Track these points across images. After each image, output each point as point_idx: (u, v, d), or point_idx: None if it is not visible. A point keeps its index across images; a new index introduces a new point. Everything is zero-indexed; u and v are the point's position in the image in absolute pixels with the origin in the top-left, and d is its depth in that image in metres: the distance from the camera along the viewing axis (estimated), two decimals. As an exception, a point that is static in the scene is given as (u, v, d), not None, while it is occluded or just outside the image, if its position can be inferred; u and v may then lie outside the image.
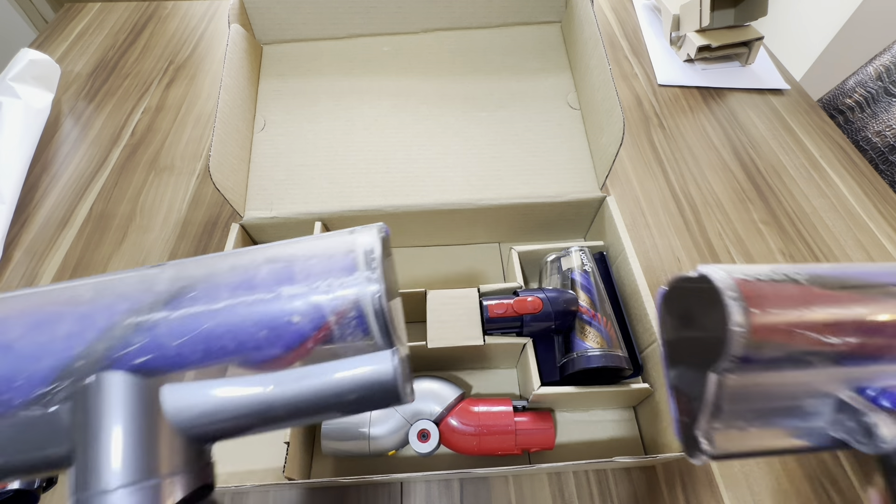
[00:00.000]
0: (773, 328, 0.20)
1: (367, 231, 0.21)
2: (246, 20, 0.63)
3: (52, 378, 0.18)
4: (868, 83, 0.80)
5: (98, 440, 0.18)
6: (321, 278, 0.19)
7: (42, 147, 0.73)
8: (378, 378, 0.20)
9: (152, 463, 0.18)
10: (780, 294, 0.21)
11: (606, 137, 0.53)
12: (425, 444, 0.44)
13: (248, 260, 0.20)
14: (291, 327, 0.19)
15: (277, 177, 0.57)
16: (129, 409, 0.18)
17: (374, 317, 0.19)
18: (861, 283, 0.22)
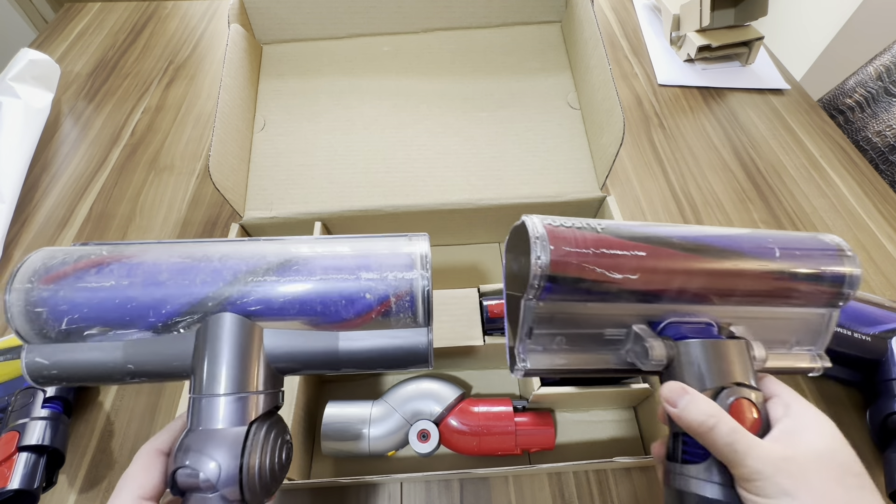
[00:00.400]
0: (567, 263, 0.25)
1: (421, 239, 0.29)
2: (246, 20, 0.63)
3: (187, 310, 0.25)
4: (868, 83, 0.80)
5: (215, 358, 0.25)
6: (389, 270, 0.26)
7: (42, 147, 0.73)
8: (415, 346, 0.28)
9: (250, 381, 0.25)
10: (577, 238, 0.26)
11: (606, 137, 0.53)
12: (425, 444, 0.44)
13: (336, 249, 0.28)
14: (364, 301, 0.26)
15: (277, 177, 0.57)
16: (239, 340, 0.25)
17: (421, 302, 0.27)
18: (649, 235, 0.27)
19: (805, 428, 0.24)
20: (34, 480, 0.39)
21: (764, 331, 0.30)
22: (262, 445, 0.25)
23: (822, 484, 0.22)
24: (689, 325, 0.28)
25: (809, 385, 0.51)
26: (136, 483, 0.24)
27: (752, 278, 0.28)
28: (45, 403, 0.43)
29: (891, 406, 0.45)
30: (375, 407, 0.45)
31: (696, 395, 0.25)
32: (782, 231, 0.31)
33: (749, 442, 0.23)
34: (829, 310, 0.31)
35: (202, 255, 0.27)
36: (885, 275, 0.59)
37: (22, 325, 0.25)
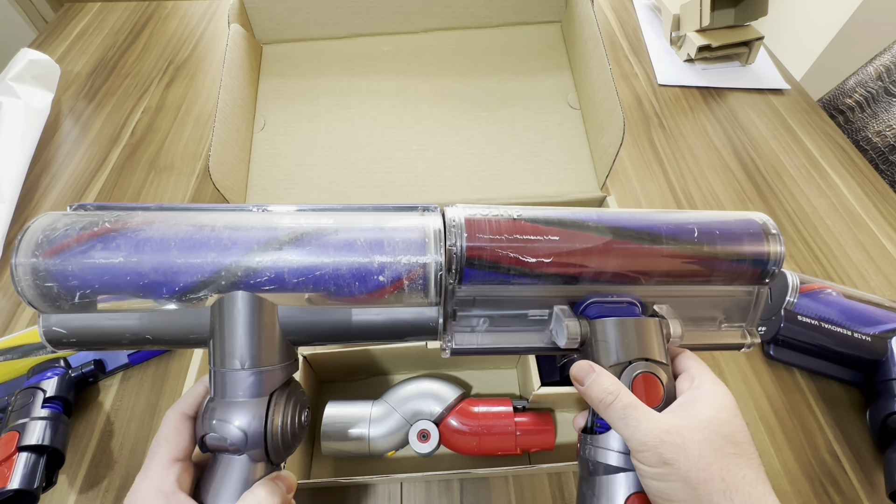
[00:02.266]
0: (481, 248, 0.27)
1: (434, 216, 0.28)
2: (246, 20, 0.63)
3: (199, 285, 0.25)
4: (868, 83, 0.80)
5: (232, 336, 0.26)
6: (403, 253, 0.27)
7: (42, 147, 0.73)
8: (426, 321, 0.29)
9: (268, 357, 0.26)
10: (492, 225, 0.28)
11: (607, 137, 0.53)
12: (425, 444, 0.44)
13: (349, 227, 0.27)
14: (377, 281, 0.26)
15: (277, 177, 0.57)
16: (255, 319, 0.26)
17: (434, 282, 0.27)
18: (565, 219, 0.29)
19: (699, 400, 0.26)
20: (34, 480, 0.39)
21: (690, 308, 0.31)
22: (283, 411, 0.27)
23: (700, 452, 0.24)
24: (609, 305, 0.29)
25: (809, 385, 0.52)
26: (169, 445, 0.26)
27: (667, 259, 0.29)
28: (45, 403, 0.43)
29: (891, 406, 0.45)
30: (375, 407, 0.45)
31: (601, 373, 0.27)
32: (709, 211, 0.31)
33: (639, 416, 0.25)
34: (757, 287, 0.32)
35: (212, 226, 0.26)
36: (885, 275, 0.59)
37: (34, 297, 0.25)
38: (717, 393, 0.26)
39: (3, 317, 0.57)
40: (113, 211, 0.27)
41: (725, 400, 0.26)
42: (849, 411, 0.50)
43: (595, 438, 0.28)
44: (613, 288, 0.29)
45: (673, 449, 0.24)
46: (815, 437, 0.48)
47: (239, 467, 0.26)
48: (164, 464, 0.25)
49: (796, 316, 0.49)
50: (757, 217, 0.31)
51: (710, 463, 0.23)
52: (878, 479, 0.46)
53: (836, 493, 0.45)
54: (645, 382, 0.27)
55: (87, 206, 0.28)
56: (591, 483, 0.28)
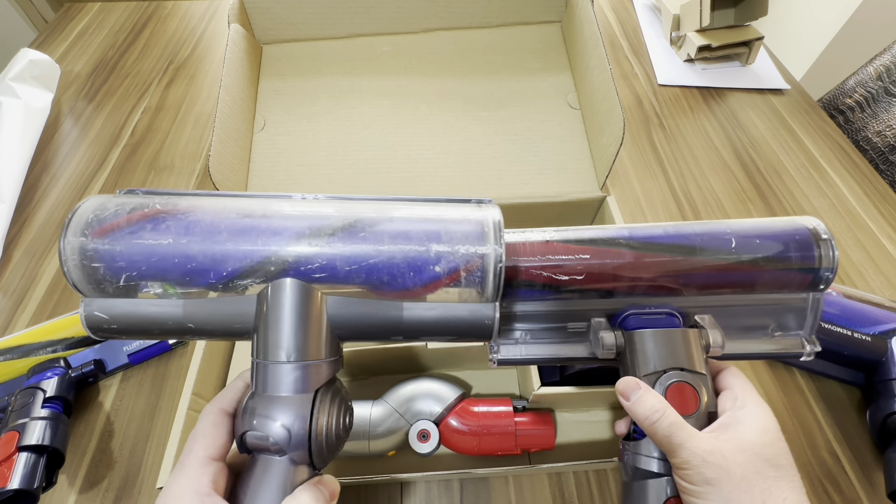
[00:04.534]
0: (516, 269, 0.28)
1: (492, 208, 0.27)
2: (246, 20, 0.63)
3: (248, 271, 0.24)
4: (868, 83, 0.80)
5: (278, 326, 0.25)
6: (460, 243, 0.25)
7: (42, 147, 0.73)
8: (481, 320, 0.27)
9: (314, 350, 0.25)
10: (527, 249, 0.29)
11: (607, 137, 0.53)
12: (425, 444, 0.44)
13: (404, 215, 0.26)
14: (432, 273, 0.25)
15: (277, 177, 0.57)
16: (303, 309, 0.25)
17: (492, 276, 0.25)
18: (597, 238, 0.29)
19: (742, 421, 0.26)
20: (34, 480, 0.39)
21: (737, 317, 0.31)
22: (328, 412, 0.25)
23: (742, 474, 0.24)
24: (647, 316, 0.30)
25: (809, 385, 0.51)
26: (206, 441, 0.25)
27: (702, 271, 0.29)
28: (45, 403, 0.43)
29: (891, 406, 0.45)
30: (375, 407, 0.45)
31: (646, 390, 0.28)
32: (751, 220, 0.31)
33: (683, 435, 0.25)
34: (811, 293, 0.31)
35: (262, 212, 0.26)
36: (885, 275, 0.59)
37: (78, 279, 0.25)
38: (761, 415, 0.27)
39: (3, 317, 0.57)
40: (162, 196, 0.27)
41: (768, 422, 0.27)
42: (849, 411, 0.50)
43: (634, 445, 0.29)
44: (650, 300, 0.30)
45: (716, 470, 0.24)
46: (815, 437, 0.48)
47: (280, 470, 0.24)
48: (200, 461, 0.24)
49: (796, 316, 0.49)
50: (808, 222, 0.30)
51: (752, 485, 0.24)
52: (878, 479, 0.46)
53: (836, 493, 0.45)
54: (679, 391, 0.27)
55: (136, 191, 0.27)
56: (630, 488, 0.29)
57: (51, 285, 0.59)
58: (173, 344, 0.52)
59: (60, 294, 0.58)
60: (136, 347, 0.51)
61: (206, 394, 0.44)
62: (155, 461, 0.46)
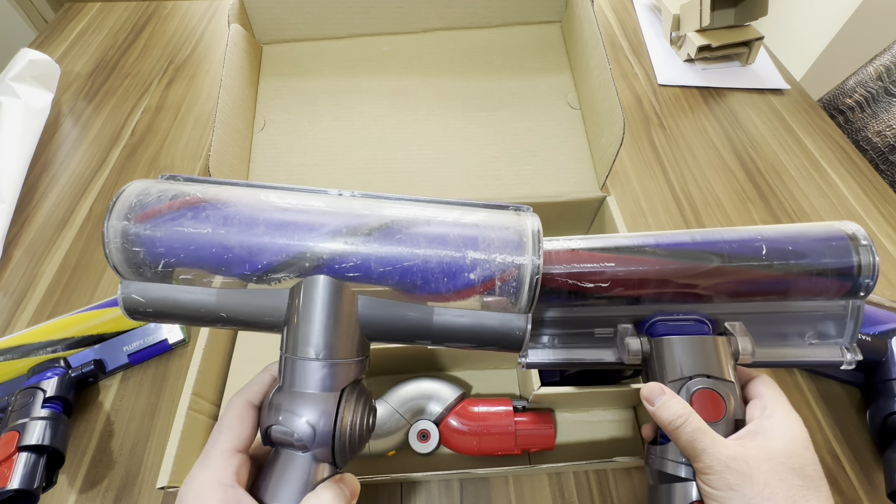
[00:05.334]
0: (544, 278, 0.27)
1: (531, 217, 0.27)
2: (246, 20, 0.63)
3: (283, 264, 0.25)
4: (868, 83, 0.80)
5: (309, 322, 0.25)
6: (498, 251, 0.25)
7: (42, 147, 0.73)
8: (512, 330, 0.26)
9: (344, 349, 0.25)
10: (552, 257, 0.29)
11: (607, 137, 0.53)
12: (425, 444, 0.44)
13: (441, 219, 0.26)
14: (467, 279, 0.25)
15: (277, 177, 0.57)
16: (335, 307, 0.25)
17: (528, 287, 0.25)
18: (622, 246, 0.30)
19: (769, 430, 0.26)
20: (34, 480, 0.39)
21: (771, 324, 0.31)
22: (353, 411, 0.25)
23: (766, 481, 0.24)
24: (674, 323, 0.30)
25: (809, 385, 0.51)
26: (232, 433, 0.25)
27: (731, 279, 0.28)
28: (45, 403, 0.43)
29: (891, 406, 0.45)
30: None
31: (671, 396, 0.28)
32: (784, 225, 0.30)
33: (707, 441, 0.25)
34: (851, 300, 0.30)
35: (300, 207, 0.26)
36: (885, 275, 0.59)
37: (119, 261, 0.25)
38: (789, 424, 0.26)
39: (3, 317, 0.57)
40: (203, 184, 0.27)
41: (797, 432, 0.26)
42: (849, 411, 0.50)
43: (660, 450, 0.29)
44: (678, 307, 0.30)
45: (739, 476, 0.24)
46: (815, 437, 0.48)
47: (302, 466, 0.24)
48: (225, 453, 0.24)
49: (796, 316, 0.49)
50: (847, 227, 0.29)
51: (775, 492, 0.24)
52: (878, 479, 0.46)
53: (836, 493, 0.45)
54: (704, 398, 0.27)
55: (178, 178, 0.28)
56: (656, 491, 0.29)
57: (51, 285, 0.59)
58: (173, 344, 0.52)
59: (60, 294, 0.58)
60: (136, 347, 0.51)
61: (206, 394, 0.44)
62: (155, 461, 0.46)
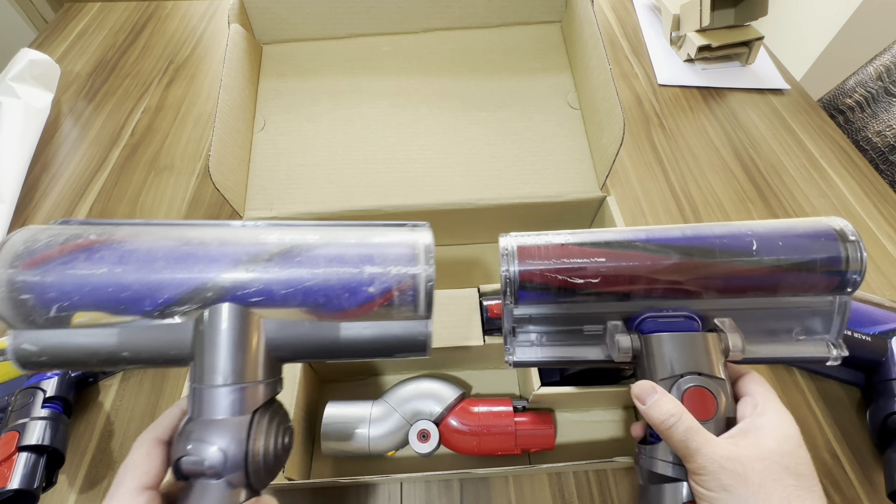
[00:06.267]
0: (532, 273, 0.29)
1: (424, 229, 0.29)
2: (246, 20, 0.63)
3: (184, 297, 0.25)
4: (868, 83, 0.80)
5: (215, 350, 0.25)
6: (393, 264, 0.26)
7: (42, 147, 0.73)
8: (415, 336, 0.28)
9: (251, 372, 0.25)
10: (542, 252, 0.29)
11: (606, 137, 0.53)
12: (425, 444, 0.44)
13: (338, 239, 0.27)
14: (366, 293, 0.26)
15: (277, 177, 0.57)
16: (240, 332, 0.25)
17: (424, 294, 0.27)
18: (613, 241, 0.29)
19: (761, 428, 0.26)
20: (34, 480, 0.39)
21: (760, 320, 0.31)
22: (266, 433, 0.26)
23: (760, 482, 0.24)
24: (664, 320, 0.30)
25: (809, 385, 0.51)
26: (138, 471, 0.25)
27: (721, 275, 0.28)
28: (45, 403, 0.43)
29: (891, 406, 0.45)
30: (375, 407, 0.45)
31: (662, 394, 0.27)
32: (774, 220, 0.30)
33: (700, 440, 0.25)
34: (838, 296, 0.30)
35: (199, 240, 0.26)
36: (885, 275, 0.59)
37: (7, 312, 0.24)
38: (781, 422, 0.26)
39: (3, 317, 0.56)
40: (98, 226, 0.27)
41: (789, 430, 0.26)
42: (849, 411, 0.50)
43: (650, 449, 0.28)
44: (668, 303, 0.30)
45: (733, 476, 0.24)
46: (815, 437, 0.48)
47: (216, 493, 0.24)
48: (131, 492, 0.24)
49: (796, 316, 0.49)
50: (834, 223, 0.29)
51: (770, 493, 0.23)
52: (878, 479, 0.46)
53: (836, 493, 0.45)
54: (696, 396, 0.27)
55: (71, 222, 0.27)
56: (646, 491, 0.28)
57: (51, 285, 0.59)
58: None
59: (60, 294, 0.58)
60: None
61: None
62: (155, 461, 0.46)
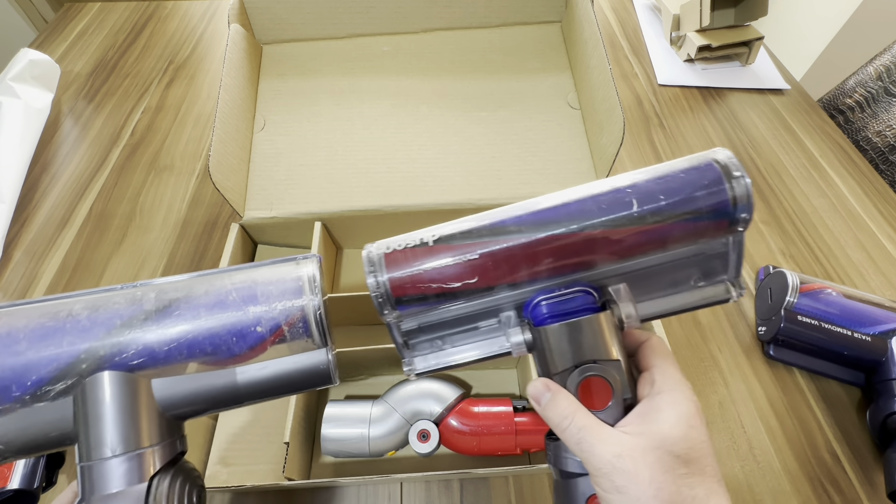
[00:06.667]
0: (404, 286, 0.26)
1: (310, 262, 0.28)
2: (246, 20, 0.63)
3: (57, 375, 0.23)
4: (868, 83, 0.80)
5: (99, 422, 0.23)
6: (277, 300, 0.26)
7: (42, 147, 0.73)
8: (316, 366, 0.27)
9: (140, 437, 0.24)
10: (410, 258, 0.27)
11: (607, 137, 0.53)
12: (425, 444, 0.44)
13: (218, 285, 0.26)
14: (255, 334, 0.25)
15: (277, 177, 0.57)
16: (124, 399, 0.24)
17: (315, 325, 0.26)
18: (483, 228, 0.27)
19: (656, 411, 0.25)
20: (34, 480, 0.39)
21: (658, 277, 0.29)
22: (168, 497, 0.24)
23: (651, 477, 0.23)
24: (557, 300, 0.27)
25: (809, 385, 0.51)
26: None
27: (605, 243, 0.26)
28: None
29: (891, 406, 0.45)
30: (375, 407, 0.45)
31: (555, 393, 0.26)
32: (655, 167, 0.28)
33: (593, 440, 0.24)
34: (731, 237, 0.28)
35: (67, 312, 0.24)
36: (885, 275, 0.59)
37: None
38: (675, 401, 0.25)
39: (3, 317, 0.56)
40: None
41: (681, 409, 0.25)
42: (849, 411, 0.50)
43: (555, 446, 0.28)
44: (558, 281, 0.27)
45: (624, 476, 0.23)
46: (815, 437, 0.48)
47: None
48: None
49: (796, 316, 0.49)
50: (719, 156, 0.27)
51: (660, 487, 0.23)
52: (878, 479, 0.46)
53: (836, 493, 0.45)
54: (591, 387, 0.26)
55: None
56: (557, 486, 0.28)
57: (51, 285, 0.59)
58: None
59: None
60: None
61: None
62: (155, 461, 0.46)
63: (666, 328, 0.54)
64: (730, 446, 0.48)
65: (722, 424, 0.49)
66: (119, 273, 0.60)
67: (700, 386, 0.51)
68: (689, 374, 0.52)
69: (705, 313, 0.56)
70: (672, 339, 0.54)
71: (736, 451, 0.48)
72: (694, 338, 0.55)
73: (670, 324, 0.56)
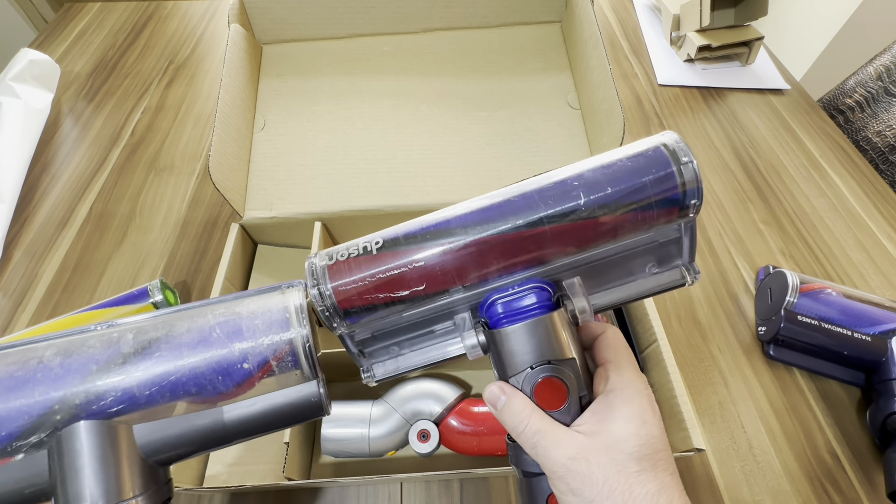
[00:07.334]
0: (351, 298, 0.25)
1: (295, 291, 0.26)
2: (246, 20, 0.63)
3: (29, 429, 0.22)
4: (868, 83, 0.80)
5: (76, 476, 0.22)
6: (264, 334, 0.25)
7: (42, 147, 0.73)
8: (307, 399, 0.26)
9: (123, 488, 0.22)
10: (354, 268, 0.26)
11: (606, 137, 0.53)
12: (425, 444, 0.44)
13: (201, 322, 0.25)
14: (242, 371, 0.24)
15: (277, 177, 0.57)
16: (102, 450, 0.22)
17: (304, 356, 0.25)
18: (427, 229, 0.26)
19: (610, 409, 0.25)
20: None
21: (612, 267, 0.29)
22: None
23: (604, 477, 0.23)
24: (511, 298, 0.27)
25: (809, 385, 0.51)
26: None
27: (554, 239, 0.26)
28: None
29: (891, 406, 0.45)
30: (375, 407, 0.45)
31: (511, 396, 0.26)
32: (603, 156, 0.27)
33: (547, 444, 0.24)
34: (682, 222, 0.28)
35: (37, 360, 0.23)
36: (885, 275, 0.59)
37: None
38: (627, 397, 0.25)
39: (3, 317, 0.57)
40: None
41: (635, 405, 0.25)
42: (849, 411, 0.50)
43: (514, 446, 0.27)
44: (510, 279, 0.27)
45: (579, 478, 0.23)
46: (815, 437, 0.48)
47: None
48: None
49: (796, 316, 0.49)
50: (667, 140, 0.27)
51: (613, 488, 0.23)
52: (878, 479, 0.46)
53: (836, 493, 0.45)
54: (547, 388, 0.25)
55: None
56: (520, 485, 0.28)
57: (51, 285, 0.59)
58: None
59: (60, 294, 0.58)
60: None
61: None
62: (155, 461, 0.46)
63: (666, 328, 0.54)
64: (730, 446, 0.48)
65: (722, 424, 0.49)
66: (119, 273, 0.60)
67: (700, 386, 0.51)
68: (689, 374, 0.52)
69: (705, 313, 0.56)
70: (672, 339, 0.54)
71: (736, 451, 0.48)
72: (694, 338, 0.55)
73: (670, 324, 0.56)
